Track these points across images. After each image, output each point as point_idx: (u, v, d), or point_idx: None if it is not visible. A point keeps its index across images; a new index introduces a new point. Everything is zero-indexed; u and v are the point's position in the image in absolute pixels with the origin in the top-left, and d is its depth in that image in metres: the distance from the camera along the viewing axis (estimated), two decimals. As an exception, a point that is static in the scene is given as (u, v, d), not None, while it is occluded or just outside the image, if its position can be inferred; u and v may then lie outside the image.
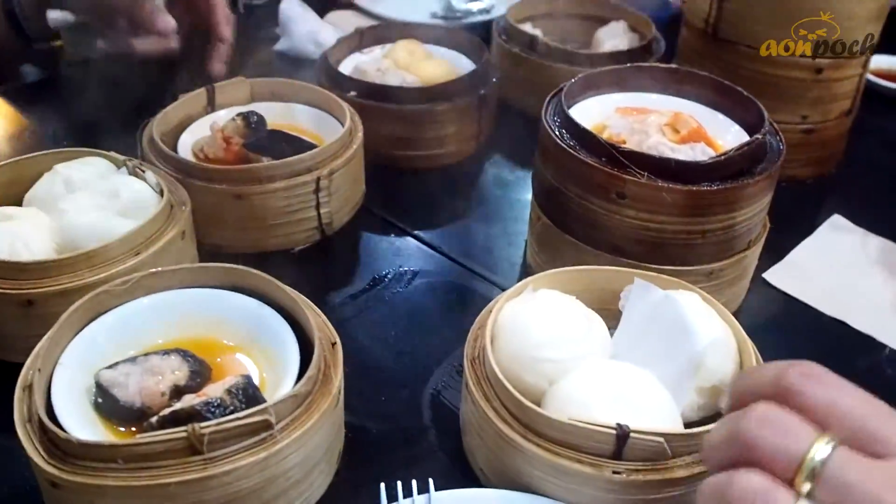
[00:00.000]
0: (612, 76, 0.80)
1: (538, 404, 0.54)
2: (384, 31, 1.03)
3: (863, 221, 0.90)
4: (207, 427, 0.48)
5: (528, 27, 1.05)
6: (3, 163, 0.74)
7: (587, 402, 0.53)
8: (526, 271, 0.78)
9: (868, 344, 0.75)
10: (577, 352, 0.57)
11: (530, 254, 0.79)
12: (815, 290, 0.80)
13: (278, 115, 0.89)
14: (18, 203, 0.73)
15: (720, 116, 0.77)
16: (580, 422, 0.50)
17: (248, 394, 0.53)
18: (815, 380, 0.37)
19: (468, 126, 0.93)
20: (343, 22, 1.14)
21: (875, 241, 0.87)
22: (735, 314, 0.73)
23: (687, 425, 0.55)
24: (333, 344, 0.58)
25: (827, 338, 0.76)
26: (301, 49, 1.07)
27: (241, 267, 0.62)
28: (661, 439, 0.50)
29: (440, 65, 0.96)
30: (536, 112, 0.74)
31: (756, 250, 0.74)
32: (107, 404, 0.55)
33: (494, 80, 0.95)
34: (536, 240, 0.76)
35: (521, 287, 0.62)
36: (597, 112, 0.77)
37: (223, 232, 0.79)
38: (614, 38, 1.04)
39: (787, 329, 0.76)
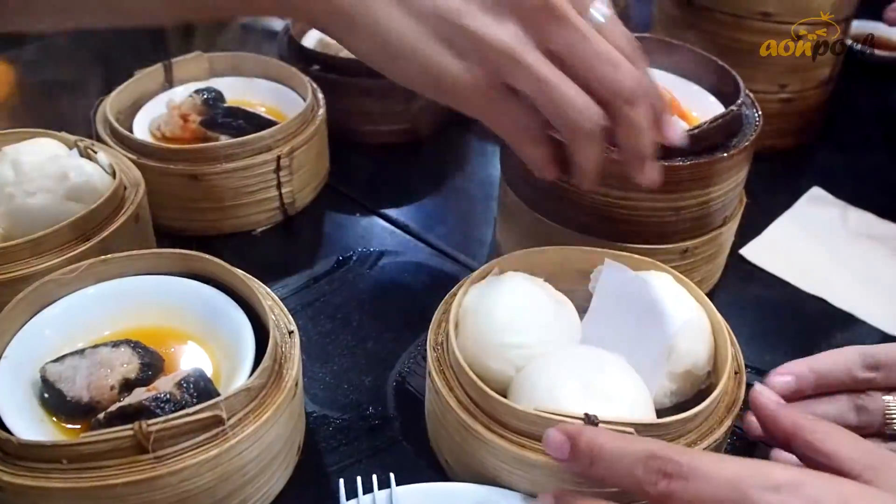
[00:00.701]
0: None
1: (504, 392, 0.52)
2: None
3: (843, 193, 0.88)
4: (155, 424, 0.46)
5: None
6: (-55, 146, 0.72)
7: (555, 390, 0.51)
8: (495, 251, 0.76)
9: (848, 321, 0.73)
10: (544, 337, 0.56)
11: (499, 233, 0.77)
12: (794, 267, 0.78)
13: (239, 90, 0.86)
14: (-36, 187, 0.71)
15: (695, 87, 0.75)
16: (546, 412, 0.48)
17: (200, 387, 0.51)
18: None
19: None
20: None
21: (855, 214, 0.86)
22: (711, 292, 0.72)
23: (659, 411, 0.54)
24: (290, 332, 0.56)
25: (806, 315, 0.74)
26: (266, 21, 1.04)
27: (194, 252, 0.60)
28: (631, 429, 0.48)
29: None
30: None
31: (732, 226, 0.72)
32: (53, 400, 0.52)
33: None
34: (505, 218, 0.74)
35: (486, 270, 0.60)
36: None
37: (181, 214, 0.76)
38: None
39: (766, 306, 0.75)
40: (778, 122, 0.91)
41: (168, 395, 0.50)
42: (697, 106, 0.74)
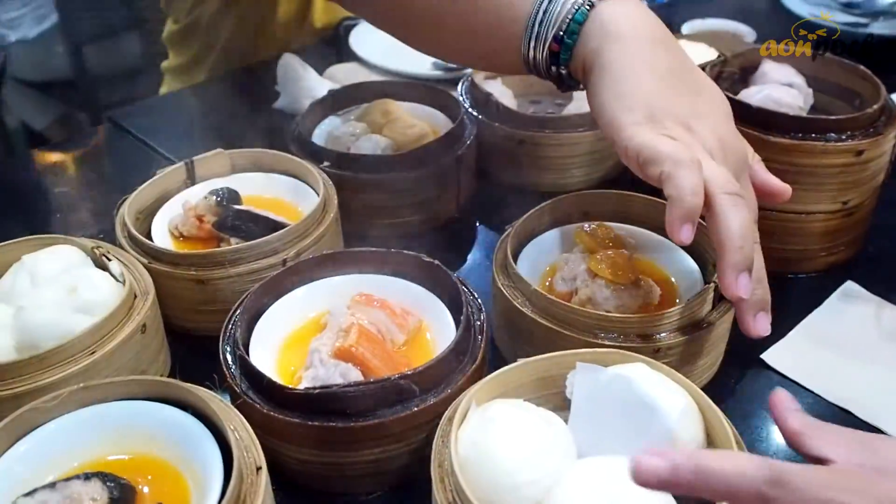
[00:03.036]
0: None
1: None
2: (357, 92, 0.98)
3: (879, 286, 0.81)
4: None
5: (497, 84, 0.98)
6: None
7: None
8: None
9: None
10: (551, 462, 0.53)
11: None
12: (819, 373, 0.72)
13: (259, 186, 0.87)
14: (-13, 294, 0.72)
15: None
16: None
17: (160, 528, 0.51)
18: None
19: (447, 189, 0.88)
20: (345, 75, 1.11)
21: (891, 312, 0.78)
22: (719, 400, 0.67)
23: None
24: (258, 469, 0.54)
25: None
26: (298, 106, 1.04)
27: (172, 381, 0.59)
28: None
29: (415, 125, 0.91)
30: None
31: (715, 327, 0.67)
32: (23, 536, 0.52)
33: (470, 139, 0.89)
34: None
35: (464, 408, 0.56)
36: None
37: (190, 315, 0.77)
38: (581, 99, 0.96)
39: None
40: (840, 236, 0.83)
41: (125, 539, 0.49)
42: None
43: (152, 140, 1.08)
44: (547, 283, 0.74)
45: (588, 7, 0.65)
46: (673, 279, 0.74)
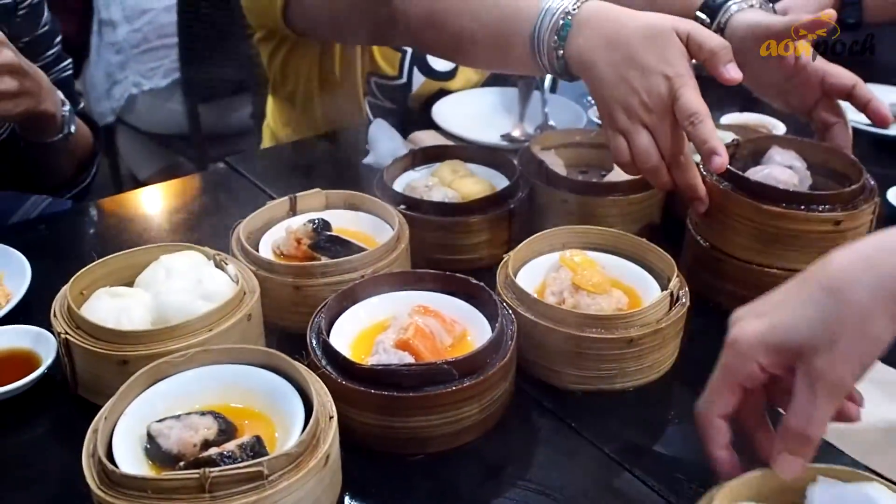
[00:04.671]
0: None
1: None
2: (433, 152, 1.16)
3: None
4: (213, 472, 0.61)
5: (550, 154, 1.14)
6: (121, 252, 0.92)
7: None
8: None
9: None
10: None
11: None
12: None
13: (348, 221, 1.03)
14: (131, 284, 0.90)
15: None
16: None
17: (255, 450, 0.66)
18: None
19: (499, 234, 1.03)
20: (424, 140, 1.28)
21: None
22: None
23: None
24: (331, 417, 0.69)
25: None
26: (384, 163, 1.21)
27: (272, 350, 0.75)
28: None
29: (478, 182, 1.07)
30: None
31: (672, 322, 0.82)
32: (153, 449, 0.68)
33: (522, 195, 1.06)
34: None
35: None
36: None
37: (285, 314, 0.92)
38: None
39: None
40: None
41: (230, 453, 0.65)
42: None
43: (261, 182, 1.27)
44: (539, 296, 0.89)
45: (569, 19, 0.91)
46: (635, 289, 0.91)
